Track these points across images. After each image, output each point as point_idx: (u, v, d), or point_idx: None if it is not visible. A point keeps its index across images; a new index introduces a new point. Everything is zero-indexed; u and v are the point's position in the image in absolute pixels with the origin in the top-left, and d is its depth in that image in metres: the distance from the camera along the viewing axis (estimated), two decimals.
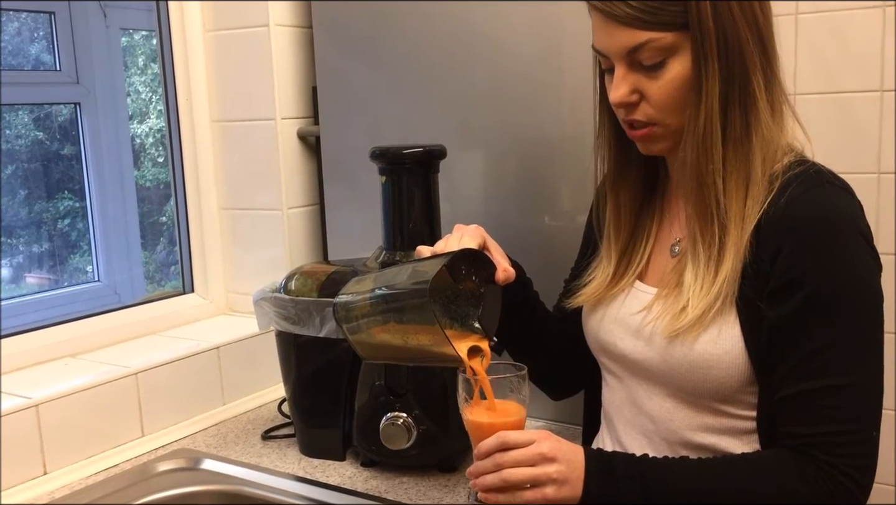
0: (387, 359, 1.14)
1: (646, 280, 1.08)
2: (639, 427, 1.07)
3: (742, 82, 0.95)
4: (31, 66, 2.61)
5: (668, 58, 0.95)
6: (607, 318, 1.10)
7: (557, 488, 0.93)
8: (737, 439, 1.00)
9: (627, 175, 1.09)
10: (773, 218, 0.94)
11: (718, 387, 0.98)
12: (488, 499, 0.96)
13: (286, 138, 1.71)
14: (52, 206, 2.68)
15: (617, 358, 1.09)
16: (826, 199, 0.94)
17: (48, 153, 2.66)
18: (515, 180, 1.45)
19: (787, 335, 0.93)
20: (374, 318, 1.02)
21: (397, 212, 1.28)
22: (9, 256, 2.62)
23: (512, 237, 1.45)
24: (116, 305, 1.71)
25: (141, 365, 1.44)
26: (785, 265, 0.92)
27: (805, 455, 0.92)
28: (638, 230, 1.10)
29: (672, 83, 0.95)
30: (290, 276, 1.37)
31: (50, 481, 1.29)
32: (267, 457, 1.37)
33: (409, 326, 0.99)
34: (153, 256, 2.93)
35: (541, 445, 0.94)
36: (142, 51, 2.93)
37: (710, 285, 0.96)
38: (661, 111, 0.97)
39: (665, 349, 1.00)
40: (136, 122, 2.91)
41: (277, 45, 1.67)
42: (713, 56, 0.93)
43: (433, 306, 0.96)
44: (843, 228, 0.93)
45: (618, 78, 0.98)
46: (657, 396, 1.04)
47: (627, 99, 0.98)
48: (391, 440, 1.24)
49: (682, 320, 0.97)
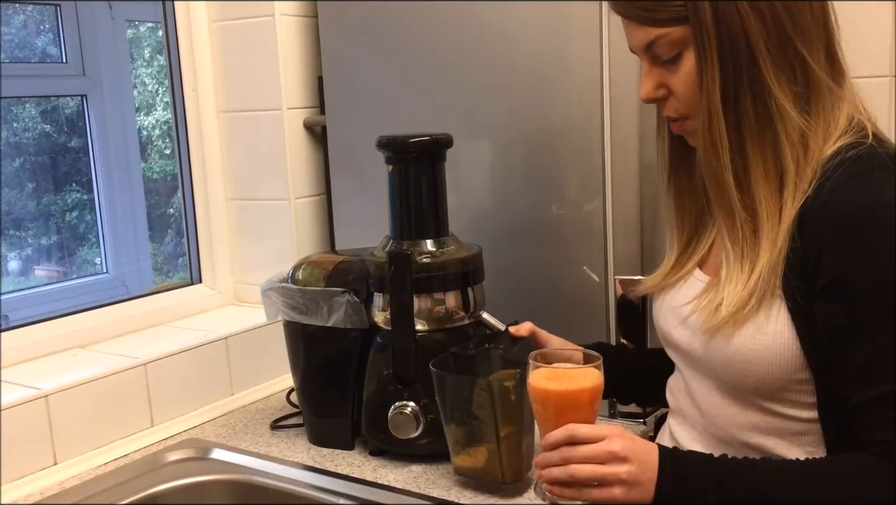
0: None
1: (704, 269, 1.06)
2: (690, 419, 1.06)
3: (751, 73, 0.92)
4: (37, 59, 2.62)
5: (683, 51, 0.94)
6: (664, 306, 1.08)
7: (627, 490, 0.89)
8: (785, 441, 0.96)
9: (684, 164, 1.06)
10: (813, 210, 0.90)
11: (759, 384, 0.94)
12: (553, 491, 0.94)
13: (292, 128, 1.70)
14: (59, 199, 2.69)
15: (673, 346, 1.07)
16: (870, 187, 0.88)
17: (55, 146, 2.67)
18: (522, 170, 1.45)
19: (842, 338, 0.89)
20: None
21: (404, 201, 1.28)
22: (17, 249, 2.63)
23: (519, 226, 1.45)
24: (125, 296, 1.72)
25: (150, 356, 1.44)
26: (829, 263, 0.88)
27: (893, 459, 0.86)
28: (704, 217, 1.07)
29: (690, 75, 0.94)
30: (297, 266, 1.37)
31: (60, 472, 1.30)
32: (276, 446, 1.37)
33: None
34: (161, 247, 2.94)
35: (612, 442, 0.90)
36: (148, 43, 2.93)
37: (745, 283, 0.93)
38: (686, 104, 0.96)
39: (705, 342, 0.98)
40: (143, 114, 2.92)
41: (283, 35, 1.67)
42: (711, 49, 0.91)
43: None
44: (889, 221, 0.86)
45: (643, 74, 0.98)
46: (707, 389, 1.02)
47: (654, 94, 0.98)
48: (399, 429, 1.24)
49: (717, 318, 0.94)
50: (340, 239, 1.69)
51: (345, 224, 1.68)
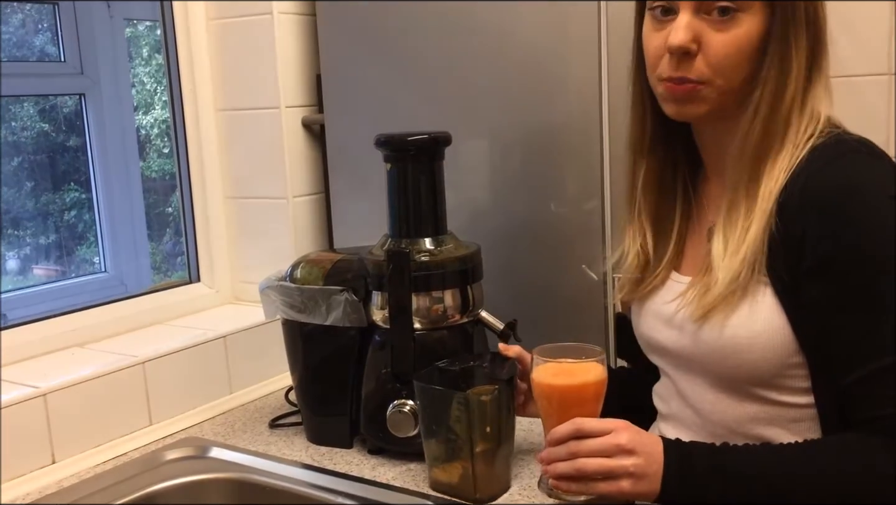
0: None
1: (681, 270, 1.06)
2: (685, 422, 1.05)
3: (818, 55, 0.94)
4: (35, 58, 2.61)
5: (741, 11, 0.92)
6: (646, 312, 1.08)
7: (634, 483, 0.90)
8: (783, 429, 0.97)
9: (654, 150, 1.06)
10: (793, 195, 0.91)
11: (754, 371, 0.95)
12: (560, 487, 0.94)
13: (291, 127, 1.70)
14: (58, 198, 2.68)
15: (659, 351, 1.07)
16: (844, 169, 0.91)
17: (54, 145, 2.67)
18: (521, 168, 1.45)
19: (830, 318, 0.90)
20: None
21: (402, 199, 1.28)
22: (16, 248, 2.63)
23: (517, 225, 1.45)
24: (123, 295, 1.71)
25: (148, 354, 1.44)
26: (813, 245, 0.89)
27: (891, 435, 0.87)
28: (663, 216, 1.08)
29: (738, 39, 0.92)
30: (295, 264, 1.37)
31: (58, 470, 1.30)
32: (274, 445, 1.37)
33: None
34: (159, 246, 2.94)
35: (619, 435, 0.91)
36: (146, 41, 2.93)
37: (736, 252, 0.93)
38: (716, 69, 0.93)
39: (696, 335, 0.97)
40: (141, 112, 2.91)
41: (281, 34, 1.67)
42: (802, 23, 0.92)
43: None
44: (867, 197, 0.89)
45: (681, 22, 0.93)
46: (699, 388, 1.02)
47: (689, 45, 0.92)
48: (398, 427, 1.24)
49: (709, 297, 0.94)
50: (339, 237, 1.69)
51: (343, 222, 1.68)
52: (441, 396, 1.12)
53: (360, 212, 1.63)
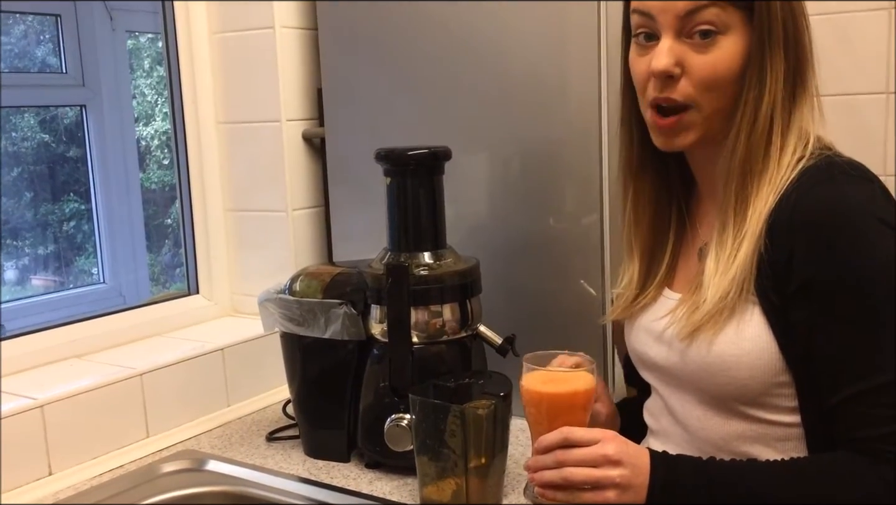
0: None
1: (673, 287, 1.07)
2: (674, 438, 1.06)
3: (801, 75, 0.95)
4: (37, 69, 2.62)
5: (721, 34, 0.93)
6: (638, 327, 1.09)
7: (620, 494, 0.90)
8: (770, 448, 0.97)
9: (646, 172, 1.07)
10: (782, 217, 0.92)
11: (742, 389, 0.95)
12: (545, 495, 0.94)
13: (291, 140, 1.71)
14: (57, 209, 2.69)
15: (649, 366, 1.08)
16: (833, 192, 0.91)
17: (54, 155, 2.67)
18: (520, 182, 1.45)
19: (819, 338, 0.90)
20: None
21: (402, 213, 1.28)
22: (15, 258, 2.62)
23: (516, 239, 1.45)
24: (122, 306, 1.71)
25: (146, 366, 1.44)
26: (800, 266, 0.90)
27: (876, 455, 0.88)
28: (657, 237, 1.09)
29: (719, 61, 0.93)
30: (294, 277, 1.37)
31: (55, 482, 1.29)
32: (271, 458, 1.37)
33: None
34: (158, 258, 2.94)
35: (606, 445, 0.91)
36: (147, 53, 2.94)
37: (726, 272, 0.93)
38: (700, 90, 0.94)
39: (684, 352, 0.98)
40: (142, 124, 2.92)
41: (283, 47, 1.67)
42: (779, 44, 0.93)
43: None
44: (855, 220, 0.90)
45: (663, 47, 0.94)
46: (688, 404, 1.02)
47: (671, 69, 0.94)
48: (396, 441, 1.24)
49: (698, 315, 0.95)
50: (338, 251, 1.69)
51: (343, 236, 1.68)
52: (437, 409, 1.12)
53: (360, 225, 1.63)
